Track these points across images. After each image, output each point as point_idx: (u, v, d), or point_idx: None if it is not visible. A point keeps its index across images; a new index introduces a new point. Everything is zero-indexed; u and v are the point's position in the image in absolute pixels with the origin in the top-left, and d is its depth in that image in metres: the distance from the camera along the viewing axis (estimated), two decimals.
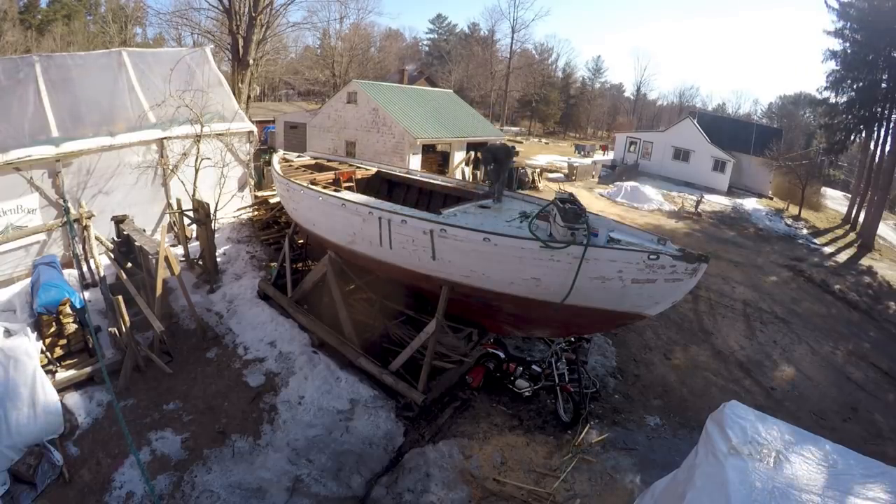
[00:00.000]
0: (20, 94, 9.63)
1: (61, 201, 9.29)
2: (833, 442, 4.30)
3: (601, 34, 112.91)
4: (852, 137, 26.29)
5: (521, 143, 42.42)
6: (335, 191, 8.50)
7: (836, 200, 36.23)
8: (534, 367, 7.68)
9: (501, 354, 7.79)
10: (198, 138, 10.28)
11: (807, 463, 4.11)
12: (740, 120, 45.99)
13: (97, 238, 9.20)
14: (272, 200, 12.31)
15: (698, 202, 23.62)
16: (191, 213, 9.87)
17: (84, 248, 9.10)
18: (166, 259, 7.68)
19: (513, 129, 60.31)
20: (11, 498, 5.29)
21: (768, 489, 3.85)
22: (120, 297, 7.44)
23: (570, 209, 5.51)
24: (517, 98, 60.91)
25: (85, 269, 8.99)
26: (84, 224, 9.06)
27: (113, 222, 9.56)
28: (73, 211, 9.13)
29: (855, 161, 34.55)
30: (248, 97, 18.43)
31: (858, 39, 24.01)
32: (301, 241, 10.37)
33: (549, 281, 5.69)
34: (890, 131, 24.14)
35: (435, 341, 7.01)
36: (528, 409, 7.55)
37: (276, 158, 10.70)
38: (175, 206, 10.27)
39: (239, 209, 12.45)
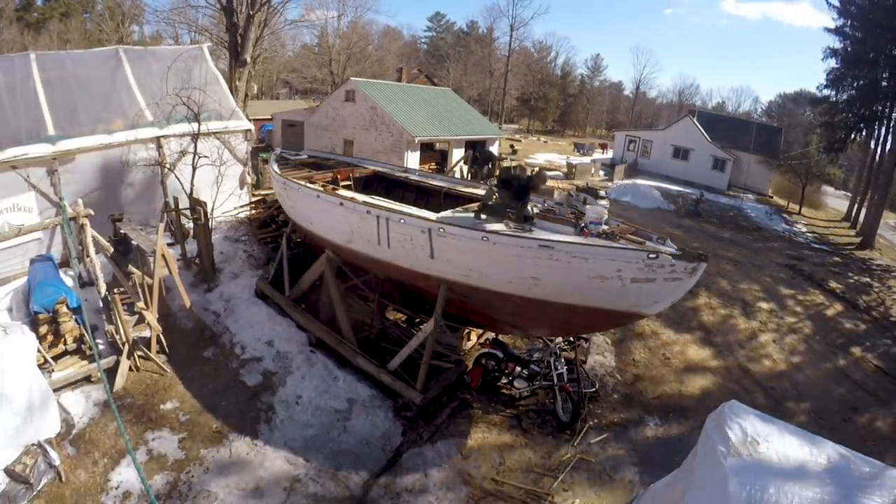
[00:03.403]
0: (17, 92, 9.58)
1: (58, 199, 9.24)
2: (833, 442, 4.27)
3: (600, 32, 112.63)
4: (853, 136, 26.22)
5: (519, 141, 42.39)
6: (333, 189, 8.47)
7: (836, 199, 36.25)
8: (533, 366, 7.66)
9: (500, 354, 7.76)
10: (195, 136, 10.23)
11: (806, 463, 4.08)
12: (740, 118, 45.93)
13: (94, 237, 9.15)
14: (270, 199, 12.27)
15: (698, 201, 23.56)
16: (188, 212, 9.83)
17: (81, 247, 9.04)
18: (163, 258, 7.64)
19: (512, 126, 60.25)
20: (8, 498, 5.26)
21: (767, 489, 3.82)
22: (117, 296, 7.40)
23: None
24: (516, 96, 60.83)
25: (82, 267, 8.94)
26: (81, 223, 9.01)
27: (110, 221, 9.51)
28: (69, 209, 9.08)
29: (855, 160, 34.50)
30: (246, 95, 18.31)
31: (859, 37, 23.95)
32: (299, 239, 10.34)
33: (548, 280, 5.66)
34: (890, 130, 24.07)
35: (433, 341, 6.98)
36: (527, 408, 7.54)
37: (273, 157, 10.65)
38: (172, 205, 10.23)
39: (237, 208, 12.41)
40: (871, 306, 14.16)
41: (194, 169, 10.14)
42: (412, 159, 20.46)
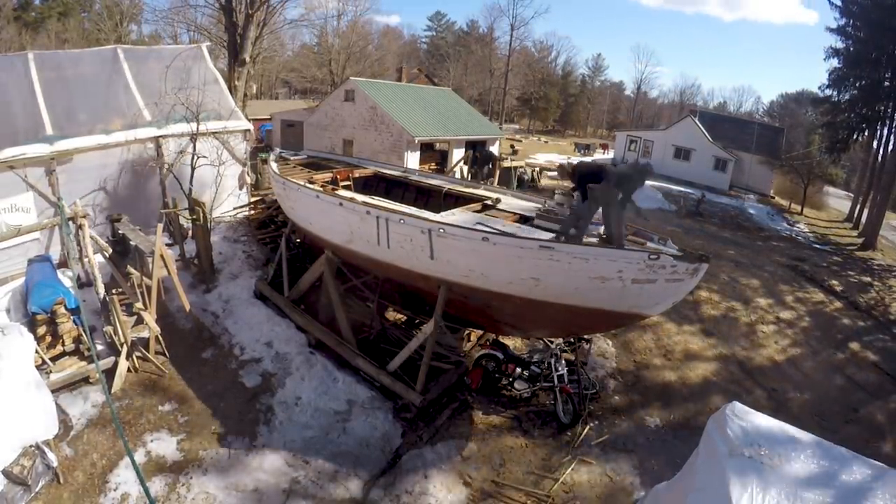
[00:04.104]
0: (14, 92, 9.55)
1: (56, 200, 9.21)
2: (834, 443, 4.25)
3: (601, 31, 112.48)
4: (855, 136, 26.17)
5: (520, 141, 42.36)
6: (332, 190, 8.44)
7: (838, 199, 36.19)
8: (533, 367, 7.63)
9: (500, 355, 7.73)
10: (194, 136, 10.19)
11: (808, 465, 4.05)
12: (742, 118, 45.82)
13: (92, 237, 9.13)
14: (269, 199, 12.24)
15: (699, 201, 23.51)
16: (187, 212, 9.80)
17: (79, 248, 9.02)
18: (162, 258, 7.61)
19: (512, 126, 60.20)
20: (6, 499, 5.23)
21: (769, 491, 3.79)
22: (115, 297, 7.38)
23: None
24: (516, 96, 60.76)
25: (80, 268, 8.91)
26: (79, 223, 8.99)
27: (108, 221, 9.48)
28: (67, 210, 9.06)
29: (857, 160, 34.44)
30: (245, 95, 18.32)
31: (861, 37, 23.90)
32: (298, 240, 10.30)
33: (549, 281, 5.63)
34: (893, 130, 24.03)
35: (433, 342, 6.95)
36: (527, 410, 7.50)
37: (272, 157, 10.62)
38: (171, 205, 10.20)
39: (236, 208, 12.37)
40: (871, 305, 14.14)
41: (193, 169, 10.12)
42: (412, 159, 20.43)
